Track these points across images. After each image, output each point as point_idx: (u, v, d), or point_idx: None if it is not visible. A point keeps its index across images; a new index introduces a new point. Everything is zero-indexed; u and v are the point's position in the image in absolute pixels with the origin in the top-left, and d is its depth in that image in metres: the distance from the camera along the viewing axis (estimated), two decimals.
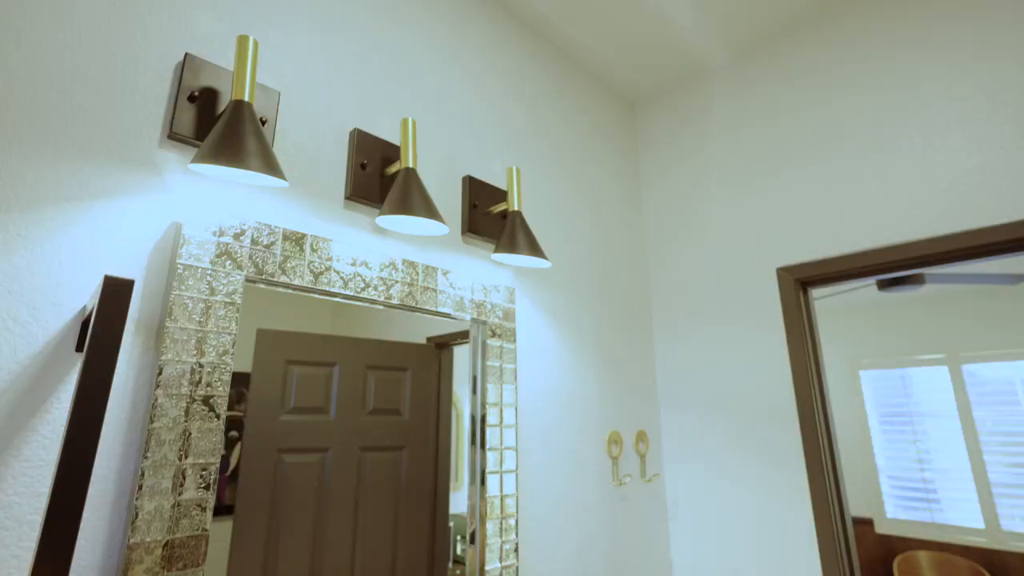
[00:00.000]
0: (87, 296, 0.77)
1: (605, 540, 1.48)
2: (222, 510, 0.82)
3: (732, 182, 1.76)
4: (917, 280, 3.51)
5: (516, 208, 1.28)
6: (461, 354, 1.23)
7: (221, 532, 0.81)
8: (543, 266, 1.28)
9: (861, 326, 5.55)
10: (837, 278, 1.50)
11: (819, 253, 1.53)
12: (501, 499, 1.19)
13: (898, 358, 5.27)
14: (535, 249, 1.22)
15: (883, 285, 3.60)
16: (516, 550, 1.20)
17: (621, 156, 1.96)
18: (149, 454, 0.74)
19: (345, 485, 0.96)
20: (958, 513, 4.74)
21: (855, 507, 5.30)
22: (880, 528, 5.11)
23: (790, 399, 1.52)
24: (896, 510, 5.08)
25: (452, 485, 1.14)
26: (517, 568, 1.19)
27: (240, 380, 0.86)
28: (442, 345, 1.19)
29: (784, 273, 1.58)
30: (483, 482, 1.17)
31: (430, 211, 1.00)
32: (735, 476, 1.58)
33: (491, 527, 1.16)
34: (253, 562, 0.83)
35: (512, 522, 1.20)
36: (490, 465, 1.19)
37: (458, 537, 1.12)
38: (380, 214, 1.01)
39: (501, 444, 1.22)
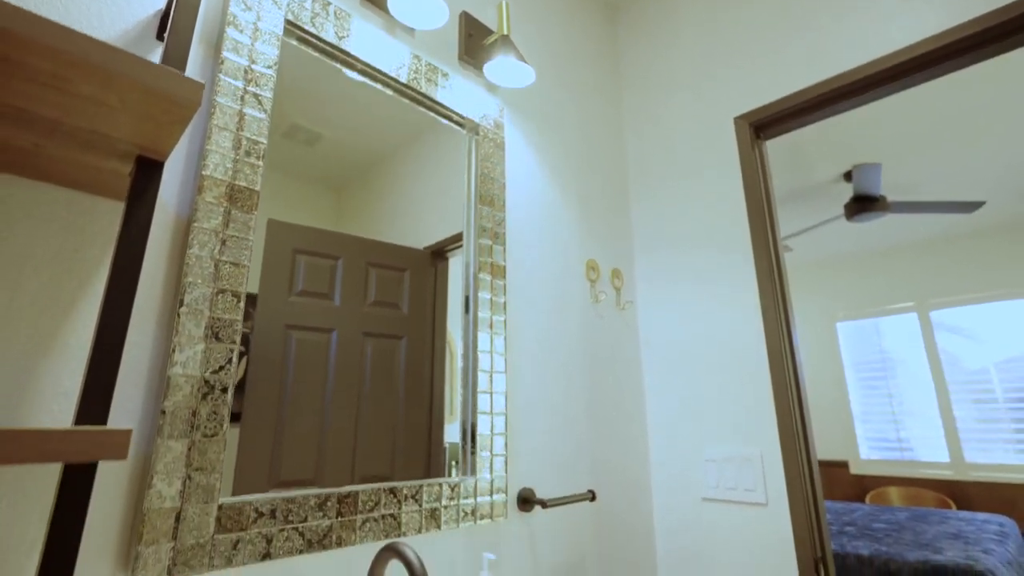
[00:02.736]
0: (162, 2, 0.96)
1: (586, 356, 1.68)
2: (232, 418, 0.88)
3: (701, 59, 1.98)
4: (882, 207, 3.77)
5: (505, 33, 1.49)
6: (456, 266, 1.32)
7: (230, 437, 0.88)
8: (528, 80, 1.49)
9: (836, 279, 5.82)
10: (786, 117, 1.72)
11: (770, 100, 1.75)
12: (491, 265, 1.39)
13: (871, 308, 5.54)
14: (520, 57, 1.42)
15: (850, 214, 3.85)
16: (505, 327, 1.40)
17: (602, 55, 2.17)
18: (214, 120, 0.93)
19: (349, 364, 1.06)
20: (926, 450, 5.00)
21: (831, 452, 5.55)
22: (855, 469, 5.37)
23: (746, 233, 1.73)
24: (870, 452, 5.34)
25: (447, 415, 1.21)
26: (506, 353, 1.40)
27: (248, 301, 0.94)
28: (438, 254, 1.29)
29: (740, 121, 1.80)
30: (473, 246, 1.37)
31: None
32: (700, 306, 1.80)
33: (483, 295, 1.36)
34: (264, 435, 0.92)
35: (501, 292, 1.40)
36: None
37: (453, 463, 1.21)
38: None
39: (492, 225, 1.42)
